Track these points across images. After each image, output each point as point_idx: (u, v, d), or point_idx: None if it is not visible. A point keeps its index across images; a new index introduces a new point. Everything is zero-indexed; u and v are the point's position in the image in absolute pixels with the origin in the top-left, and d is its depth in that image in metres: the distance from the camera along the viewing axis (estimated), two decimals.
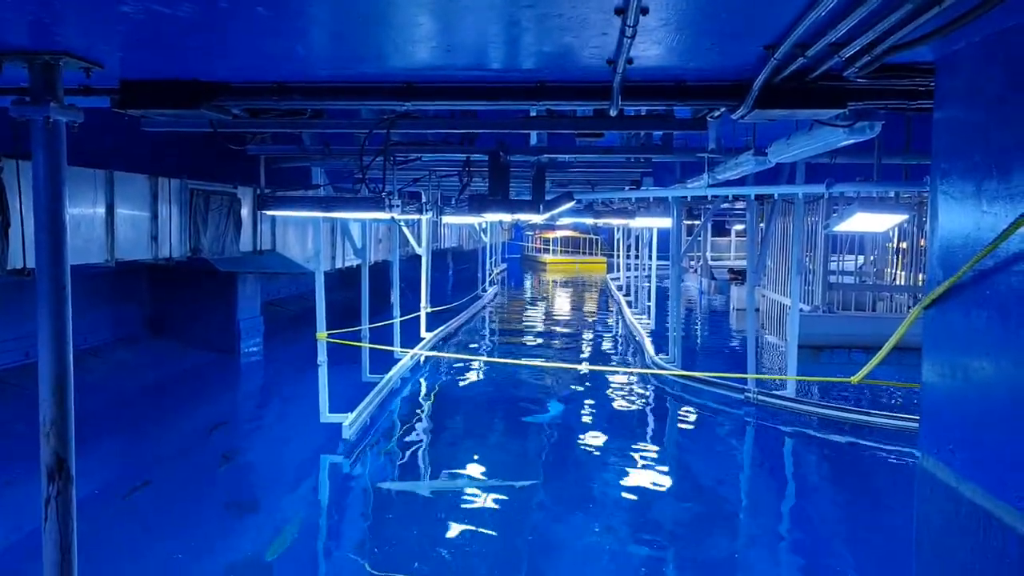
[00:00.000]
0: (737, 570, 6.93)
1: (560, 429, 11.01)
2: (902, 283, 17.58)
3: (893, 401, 12.22)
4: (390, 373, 12.52)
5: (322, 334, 9.57)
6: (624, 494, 8.46)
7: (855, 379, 4.60)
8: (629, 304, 23.90)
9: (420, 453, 9.90)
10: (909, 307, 16.42)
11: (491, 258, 31.00)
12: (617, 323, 22.75)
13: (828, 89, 3.78)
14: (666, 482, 8.90)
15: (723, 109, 4.37)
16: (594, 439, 10.49)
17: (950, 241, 3.06)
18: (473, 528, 7.29)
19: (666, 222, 13.87)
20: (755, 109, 3.87)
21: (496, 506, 7.86)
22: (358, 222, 13.01)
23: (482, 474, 8.77)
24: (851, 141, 4.78)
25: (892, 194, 10.92)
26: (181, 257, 11.13)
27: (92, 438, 8.92)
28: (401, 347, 13.26)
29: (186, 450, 9.80)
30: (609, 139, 8.73)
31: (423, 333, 15.92)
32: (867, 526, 7.63)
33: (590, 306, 28.68)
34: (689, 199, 14.28)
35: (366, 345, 11.78)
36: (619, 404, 12.65)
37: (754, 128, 7.49)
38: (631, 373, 14.77)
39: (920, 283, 16.45)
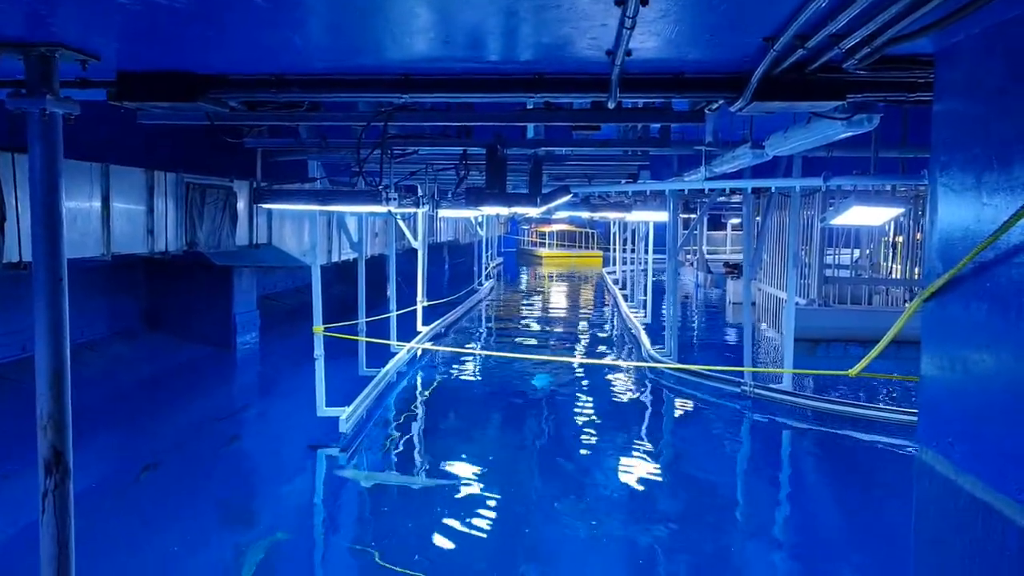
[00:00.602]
0: (732, 562, 6.95)
1: (556, 422, 11.01)
2: (898, 277, 17.65)
3: (890, 395, 12.24)
4: (387, 367, 12.51)
5: (318, 328, 9.55)
6: (619, 486, 8.47)
7: (853, 372, 4.59)
8: (625, 298, 23.90)
9: (417, 446, 9.90)
10: (905, 301, 16.48)
11: (487, 252, 30.96)
12: (613, 317, 22.75)
13: (827, 81, 3.78)
14: (661, 474, 8.92)
15: (721, 101, 4.37)
16: (591, 432, 10.51)
17: (949, 234, 3.06)
18: (470, 520, 7.30)
19: (662, 216, 13.86)
20: (753, 101, 3.86)
21: (492, 498, 7.86)
22: (355, 216, 12.98)
23: (478, 467, 8.78)
24: (849, 134, 4.75)
25: (889, 187, 10.93)
26: (177, 251, 11.10)
27: (89, 432, 8.90)
28: (398, 341, 13.24)
29: (181, 444, 9.78)
30: (606, 132, 8.72)
31: (420, 327, 15.90)
32: (865, 520, 7.64)
33: (586, 300, 28.70)
34: (686, 192, 14.26)
35: (363, 339, 11.76)
36: (616, 397, 12.66)
37: (751, 121, 7.48)
38: (627, 366, 14.78)
39: (916, 277, 16.50)
